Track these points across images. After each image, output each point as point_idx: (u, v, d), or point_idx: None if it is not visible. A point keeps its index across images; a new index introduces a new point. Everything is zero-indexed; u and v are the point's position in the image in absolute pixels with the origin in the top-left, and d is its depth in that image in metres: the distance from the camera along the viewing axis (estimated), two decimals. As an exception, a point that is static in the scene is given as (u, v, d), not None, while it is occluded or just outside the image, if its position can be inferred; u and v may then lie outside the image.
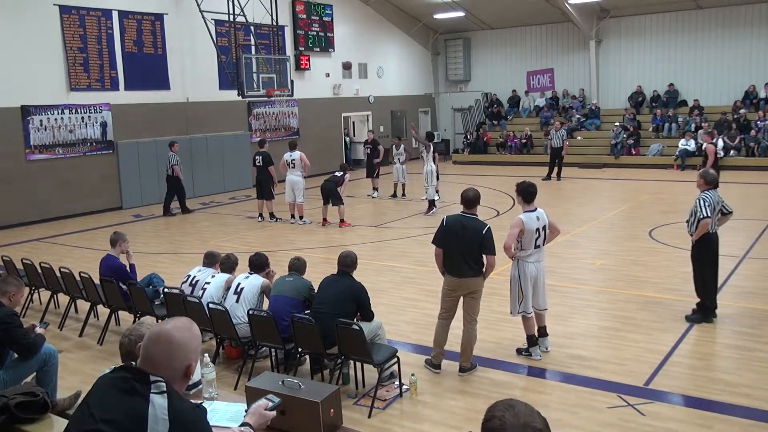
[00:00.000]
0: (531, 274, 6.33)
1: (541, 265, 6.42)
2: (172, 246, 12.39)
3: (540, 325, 6.56)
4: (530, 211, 6.30)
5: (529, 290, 6.34)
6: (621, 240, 11.60)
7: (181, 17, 17.85)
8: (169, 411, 2.34)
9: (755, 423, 5.07)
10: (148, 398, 2.34)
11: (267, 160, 14.27)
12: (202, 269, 7.20)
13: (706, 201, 7.07)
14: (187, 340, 2.49)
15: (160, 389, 2.37)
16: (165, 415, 2.33)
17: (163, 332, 2.47)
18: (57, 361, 5.21)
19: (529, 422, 1.82)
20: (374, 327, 5.84)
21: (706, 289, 7.28)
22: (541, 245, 6.35)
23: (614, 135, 22.00)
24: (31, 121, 15.14)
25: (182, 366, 2.46)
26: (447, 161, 25.00)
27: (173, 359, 2.44)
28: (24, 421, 3.47)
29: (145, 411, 2.33)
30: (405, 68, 26.52)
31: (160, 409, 2.34)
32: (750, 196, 15.66)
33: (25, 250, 12.06)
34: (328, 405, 3.36)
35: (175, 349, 2.45)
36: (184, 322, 2.55)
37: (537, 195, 6.39)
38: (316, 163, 16.25)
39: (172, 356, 2.44)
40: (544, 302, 6.49)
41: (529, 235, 6.24)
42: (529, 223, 6.23)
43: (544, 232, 6.33)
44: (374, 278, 9.02)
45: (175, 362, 2.44)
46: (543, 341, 6.54)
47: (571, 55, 24.98)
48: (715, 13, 22.07)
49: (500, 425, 1.82)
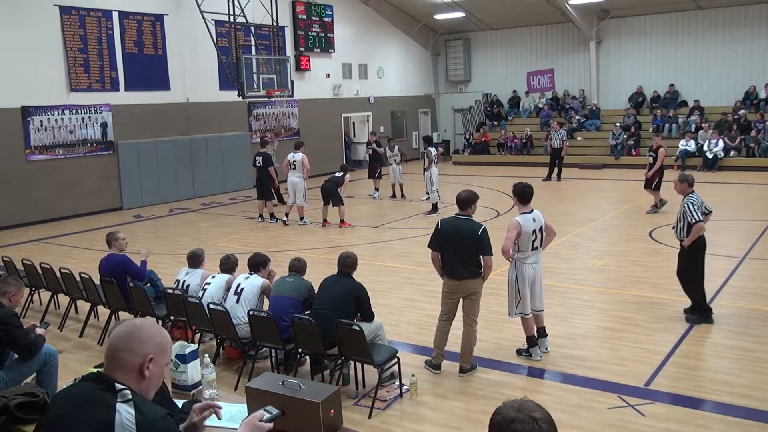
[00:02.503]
0: (529, 275, 6.32)
1: (539, 266, 6.42)
2: (173, 246, 12.38)
3: (539, 326, 6.55)
4: (527, 212, 6.28)
5: (527, 292, 6.33)
6: (621, 240, 11.60)
7: (181, 18, 17.86)
8: (136, 421, 2.23)
9: (755, 423, 5.07)
10: (114, 407, 2.23)
11: (267, 160, 14.26)
12: (189, 272, 7.15)
13: (695, 204, 7.06)
14: (152, 332, 2.40)
15: (125, 398, 2.26)
16: (133, 424, 2.22)
17: (130, 321, 2.44)
18: (57, 362, 5.22)
19: (526, 408, 1.90)
20: (374, 327, 5.85)
21: (701, 290, 7.27)
22: (538, 247, 6.34)
23: (614, 136, 21.99)
24: (32, 121, 15.14)
25: (142, 352, 2.34)
26: (447, 161, 25.00)
27: (133, 342, 2.34)
28: (24, 422, 3.46)
29: (112, 422, 2.22)
30: (405, 69, 26.52)
31: (127, 418, 2.22)
32: (750, 196, 15.67)
33: (26, 250, 12.06)
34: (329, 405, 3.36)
35: (137, 333, 2.36)
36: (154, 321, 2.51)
37: (533, 196, 6.37)
38: (317, 163, 16.25)
39: (132, 338, 2.34)
40: (541, 303, 6.48)
41: (526, 237, 6.21)
42: (526, 225, 6.21)
43: (540, 233, 6.31)
44: (374, 279, 9.02)
45: (135, 345, 2.33)
46: (542, 342, 6.54)
47: (572, 55, 24.98)
48: (715, 14, 22.07)
49: (500, 409, 1.92)
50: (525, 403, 1.93)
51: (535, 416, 1.88)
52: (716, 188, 17.20)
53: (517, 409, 1.89)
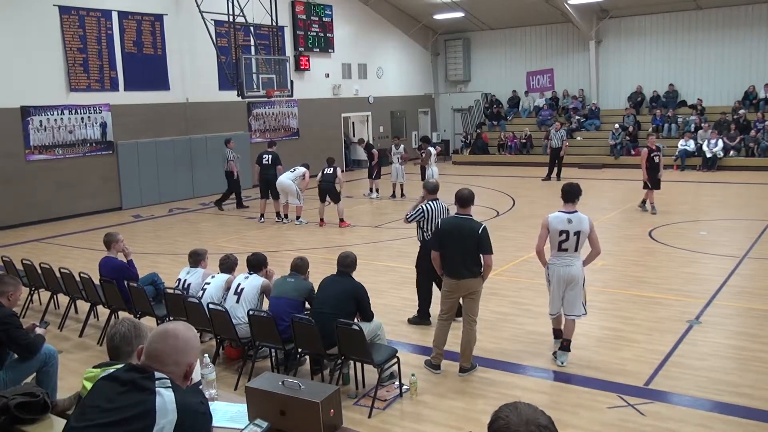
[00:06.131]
0: (555, 275, 6.17)
1: (571, 270, 6.11)
2: (173, 246, 12.38)
3: (564, 337, 6.31)
4: (566, 211, 6.14)
5: (555, 292, 6.23)
6: (621, 240, 11.59)
7: (181, 18, 17.85)
8: (176, 402, 2.41)
9: (755, 423, 5.06)
10: (155, 391, 2.42)
11: (276, 159, 14.27)
12: (190, 271, 7.15)
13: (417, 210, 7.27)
14: (191, 339, 2.61)
15: (165, 384, 2.45)
16: (173, 405, 2.40)
17: (170, 329, 2.59)
18: (57, 362, 5.21)
19: (532, 419, 1.86)
20: (374, 327, 5.84)
21: (427, 295, 7.42)
22: (569, 249, 6.10)
23: (614, 135, 21.99)
24: (31, 121, 15.14)
25: (186, 362, 2.55)
26: (447, 161, 25.00)
27: (179, 355, 2.53)
28: (24, 422, 3.46)
29: (153, 403, 2.39)
30: (405, 69, 26.52)
31: (168, 400, 2.41)
32: (750, 196, 15.67)
33: (25, 250, 12.05)
34: (328, 405, 3.36)
35: (182, 346, 2.55)
36: (186, 324, 2.69)
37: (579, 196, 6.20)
38: (316, 163, 16.22)
39: (178, 352, 2.53)
40: (571, 309, 6.20)
41: (554, 235, 6.10)
42: (554, 222, 6.10)
43: (576, 237, 6.06)
44: (374, 278, 9.02)
45: (180, 358, 2.53)
46: (560, 355, 6.28)
47: (571, 55, 24.98)
48: (714, 14, 22.07)
49: (505, 425, 1.86)
50: (526, 411, 1.88)
51: (543, 423, 1.85)
52: (716, 188, 17.22)
53: (524, 423, 1.84)
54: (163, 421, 2.38)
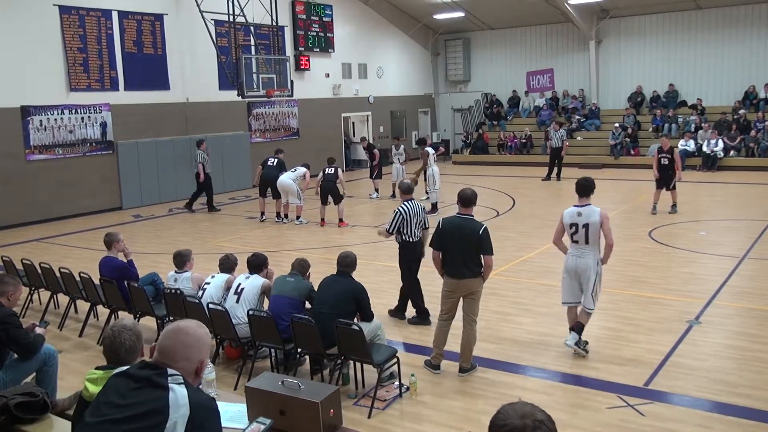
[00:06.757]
0: (567, 265, 6.45)
1: (582, 261, 6.33)
2: (173, 246, 12.35)
3: (577, 322, 6.44)
4: (577, 205, 6.41)
5: (565, 281, 6.47)
6: (621, 240, 11.52)
7: (181, 17, 17.86)
8: (189, 397, 2.47)
9: (755, 423, 5.06)
10: (168, 387, 2.47)
11: (282, 165, 14.26)
12: (178, 278, 6.99)
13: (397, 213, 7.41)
14: (203, 336, 2.65)
15: (177, 381, 2.51)
16: (186, 399, 2.46)
17: (182, 326, 2.64)
18: (57, 362, 5.21)
19: (529, 413, 1.90)
20: (374, 327, 5.84)
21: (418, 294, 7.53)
22: (579, 241, 6.35)
23: (614, 135, 21.99)
24: (31, 121, 15.14)
25: (197, 359, 2.59)
26: (447, 161, 25.00)
27: (191, 351, 2.58)
28: (24, 422, 3.46)
29: (166, 399, 2.44)
30: (405, 68, 26.52)
31: (181, 395, 2.46)
32: (750, 196, 15.67)
33: (25, 250, 12.05)
34: (328, 405, 3.36)
35: (193, 342, 2.60)
36: (198, 321, 2.73)
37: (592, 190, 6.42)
38: (316, 163, 16.23)
39: (190, 348, 2.58)
40: (587, 301, 6.38)
41: (567, 228, 6.42)
42: (566, 216, 6.42)
43: (585, 229, 6.29)
44: (374, 278, 9.01)
45: (192, 354, 2.58)
46: (570, 336, 6.40)
47: (571, 55, 24.98)
48: (714, 14, 22.07)
49: (502, 417, 1.92)
50: (524, 407, 1.93)
51: (539, 418, 1.89)
52: (716, 188, 17.22)
53: (520, 416, 1.89)
54: (175, 416, 2.43)
